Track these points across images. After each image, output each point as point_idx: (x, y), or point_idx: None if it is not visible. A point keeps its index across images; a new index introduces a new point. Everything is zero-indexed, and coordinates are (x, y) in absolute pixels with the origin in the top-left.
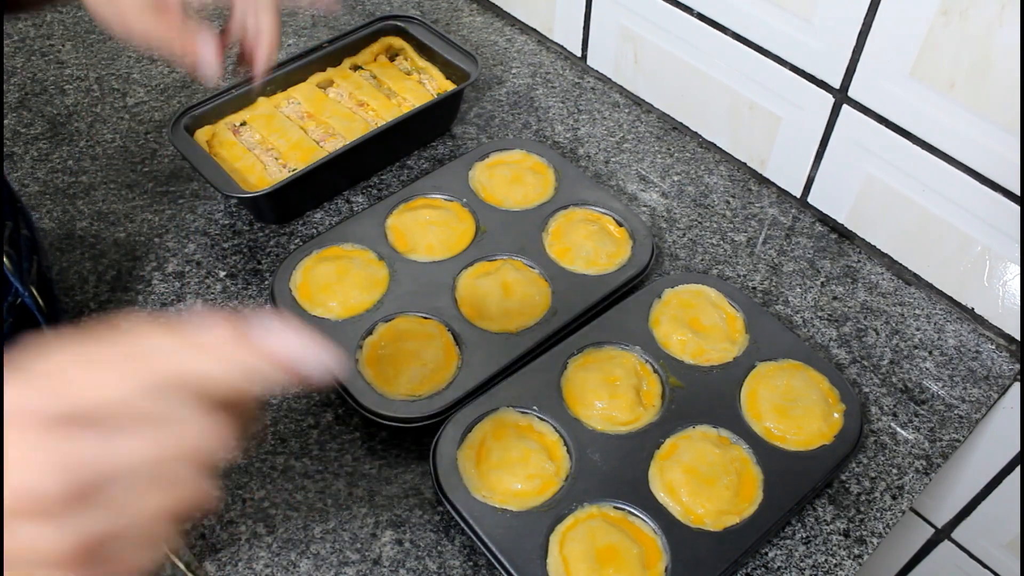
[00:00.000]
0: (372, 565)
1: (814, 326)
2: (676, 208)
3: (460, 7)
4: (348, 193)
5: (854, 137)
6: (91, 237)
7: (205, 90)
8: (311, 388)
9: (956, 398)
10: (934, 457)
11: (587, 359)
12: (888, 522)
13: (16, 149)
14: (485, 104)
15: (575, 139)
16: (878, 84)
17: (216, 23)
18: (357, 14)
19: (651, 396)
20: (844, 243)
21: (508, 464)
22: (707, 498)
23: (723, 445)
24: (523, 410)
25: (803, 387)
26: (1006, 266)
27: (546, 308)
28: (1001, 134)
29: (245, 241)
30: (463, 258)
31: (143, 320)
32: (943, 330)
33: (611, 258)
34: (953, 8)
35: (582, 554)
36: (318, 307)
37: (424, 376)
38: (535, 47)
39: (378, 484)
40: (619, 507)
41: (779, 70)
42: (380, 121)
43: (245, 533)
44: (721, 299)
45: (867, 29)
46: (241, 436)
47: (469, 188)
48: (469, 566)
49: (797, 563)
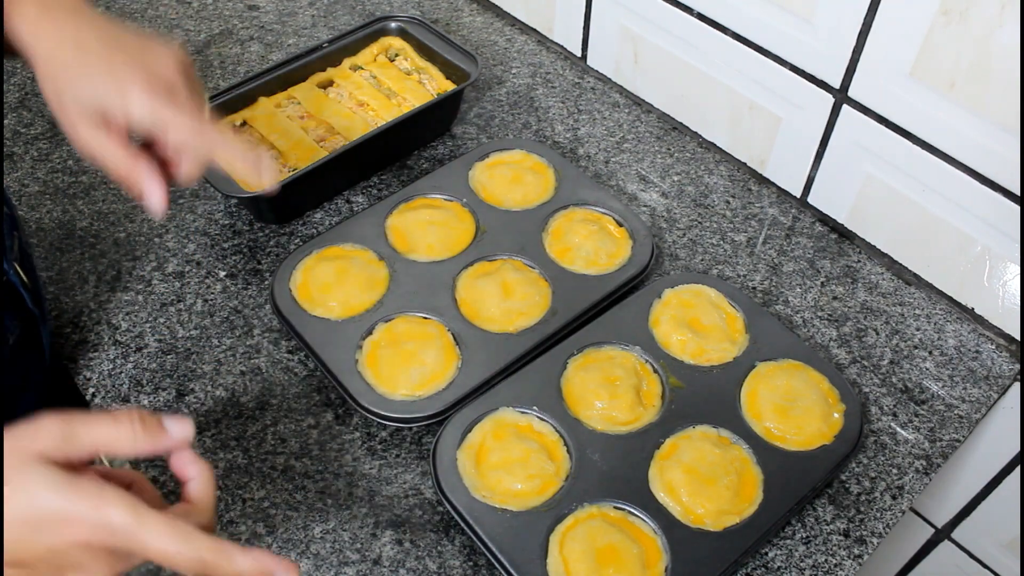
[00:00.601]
0: (372, 565)
1: (814, 326)
2: (676, 208)
3: (460, 7)
4: (348, 193)
5: (854, 137)
6: (91, 237)
7: (205, 90)
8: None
9: (956, 398)
10: (934, 457)
11: (587, 359)
12: (888, 522)
13: (16, 149)
14: (485, 104)
15: (575, 139)
16: (878, 84)
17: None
18: (357, 14)
19: (651, 396)
20: (844, 243)
21: (508, 464)
22: (707, 498)
23: (723, 445)
24: (523, 410)
25: (803, 387)
26: (1006, 266)
27: (546, 308)
28: (1001, 134)
29: (245, 241)
30: (463, 258)
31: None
32: (943, 330)
33: (611, 258)
34: (953, 8)
35: (582, 554)
36: (318, 307)
37: (424, 376)
38: (535, 47)
39: (378, 484)
40: (619, 507)
41: (779, 70)
42: (380, 121)
43: (245, 533)
44: (721, 299)
45: (867, 29)
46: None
47: (469, 188)
48: (469, 566)
49: (797, 563)
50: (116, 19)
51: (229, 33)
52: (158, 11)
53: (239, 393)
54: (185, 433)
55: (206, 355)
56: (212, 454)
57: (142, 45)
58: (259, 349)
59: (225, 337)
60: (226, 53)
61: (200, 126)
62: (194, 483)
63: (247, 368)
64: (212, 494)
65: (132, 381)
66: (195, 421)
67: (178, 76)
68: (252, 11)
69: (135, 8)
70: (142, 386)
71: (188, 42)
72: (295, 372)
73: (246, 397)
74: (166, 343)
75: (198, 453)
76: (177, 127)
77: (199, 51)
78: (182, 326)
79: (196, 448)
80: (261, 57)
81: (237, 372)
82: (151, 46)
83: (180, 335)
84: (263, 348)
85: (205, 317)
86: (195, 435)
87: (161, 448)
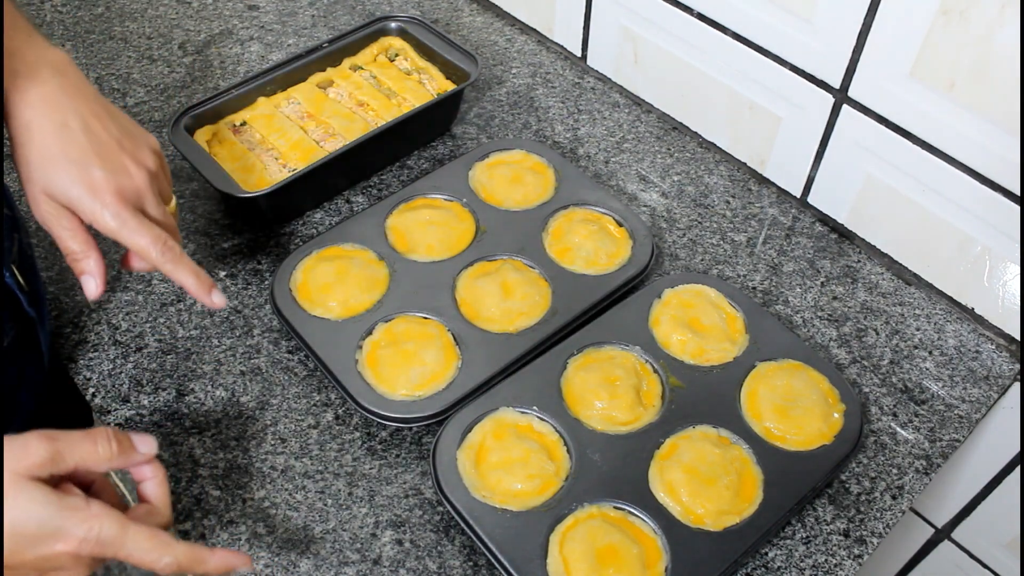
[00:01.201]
0: (372, 565)
1: (814, 326)
2: (676, 208)
3: (460, 7)
4: (348, 193)
5: (854, 137)
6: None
7: (205, 90)
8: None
9: (956, 398)
10: (934, 457)
11: (587, 359)
12: (888, 522)
13: None
14: (485, 104)
15: (575, 139)
16: (878, 84)
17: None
18: (357, 14)
19: (651, 396)
20: (844, 243)
21: (508, 464)
22: (707, 498)
23: (723, 445)
24: (523, 410)
25: (803, 387)
26: (1006, 266)
27: (546, 308)
28: (1001, 134)
29: (245, 241)
30: (463, 258)
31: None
32: (943, 330)
33: (611, 258)
34: (953, 8)
35: (582, 554)
36: (318, 307)
37: (424, 376)
38: (535, 47)
39: (378, 484)
40: (619, 507)
41: (779, 70)
42: (380, 121)
43: (245, 533)
44: (721, 299)
45: (867, 29)
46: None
47: (469, 188)
48: (469, 566)
49: (797, 563)
50: (98, 96)
51: (229, 33)
52: (158, 11)
53: (239, 393)
54: (151, 449)
55: (206, 355)
56: (212, 454)
57: (120, 144)
58: (259, 349)
59: (225, 337)
60: (226, 53)
61: (159, 245)
62: (150, 483)
63: (247, 368)
64: (167, 493)
65: (132, 381)
66: (195, 421)
67: (148, 185)
68: (252, 11)
69: (135, 8)
70: (142, 386)
71: (188, 42)
72: (295, 372)
73: (246, 397)
74: (166, 343)
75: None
76: (140, 241)
77: (199, 51)
78: (182, 326)
79: (196, 448)
80: (261, 57)
81: (237, 372)
82: (127, 144)
83: (180, 335)
84: (263, 348)
85: (205, 317)
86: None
87: (131, 464)
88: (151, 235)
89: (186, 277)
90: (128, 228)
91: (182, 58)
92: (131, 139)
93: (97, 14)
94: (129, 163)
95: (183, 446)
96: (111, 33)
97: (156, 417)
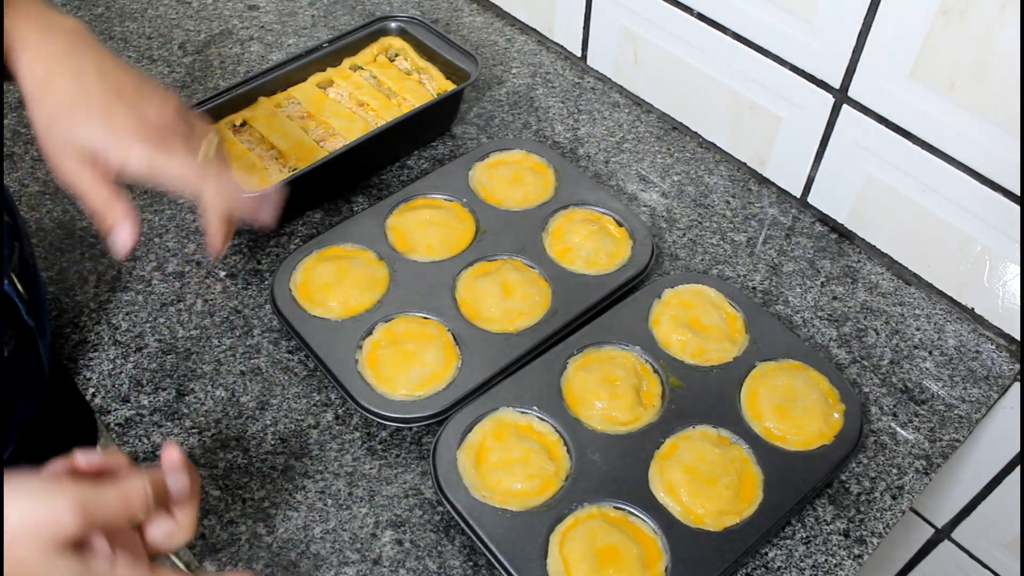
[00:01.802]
0: (372, 565)
1: (814, 326)
2: (676, 208)
3: (460, 7)
4: (348, 193)
5: (854, 137)
6: (91, 237)
7: (205, 90)
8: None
9: (956, 398)
10: (934, 457)
11: (587, 359)
12: (888, 522)
13: (16, 149)
14: (485, 104)
15: (575, 139)
16: (878, 84)
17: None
18: (357, 14)
19: (651, 396)
20: (844, 243)
21: (508, 464)
22: (707, 498)
23: (723, 445)
24: (523, 410)
25: (803, 387)
26: (1006, 266)
27: (546, 308)
28: (1001, 134)
29: (245, 241)
30: (463, 258)
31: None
32: (943, 330)
33: (611, 258)
34: (953, 8)
35: (582, 554)
36: (318, 307)
37: (424, 376)
38: (535, 47)
39: (378, 484)
40: (619, 507)
41: (779, 70)
42: (380, 121)
43: (245, 533)
44: (721, 299)
45: (867, 29)
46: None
47: (469, 188)
48: (469, 566)
49: (797, 563)
50: (113, 54)
51: (229, 33)
52: (158, 11)
53: (239, 393)
54: (182, 486)
55: (206, 355)
56: (212, 454)
57: (139, 90)
58: (259, 349)
59: (225, 337)
60: (226, 53)
61: (191, 171)
62: (183, 508)
63: (247, 368)
64: (195, 514)
65: (132, 381)
66: (195, 421)
67: (172, 121)
68: (252, 11)
69: (135, 8)
70: (142, 386)
71: (188, 42)
72: (295, 372)
73: (246, 397)
74: (166, 343)
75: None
76: (170, 173)
77: (199, 51)
78: (182, 326)
79: (196, 448)
80: (261, 57)
81: (237, 372)
82: (147, 92)
83: (180, 335)
84: (263, 348)
85: (205, 317)
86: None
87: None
88: (182, 162)
89: (214, 215)
90: (158, 162)
91: (182, 58)
92: (150, 85)
93: (97, 14)
94: (151, 102)
95: (183, 446)
96: (111, 33)
97: (156, 417)
